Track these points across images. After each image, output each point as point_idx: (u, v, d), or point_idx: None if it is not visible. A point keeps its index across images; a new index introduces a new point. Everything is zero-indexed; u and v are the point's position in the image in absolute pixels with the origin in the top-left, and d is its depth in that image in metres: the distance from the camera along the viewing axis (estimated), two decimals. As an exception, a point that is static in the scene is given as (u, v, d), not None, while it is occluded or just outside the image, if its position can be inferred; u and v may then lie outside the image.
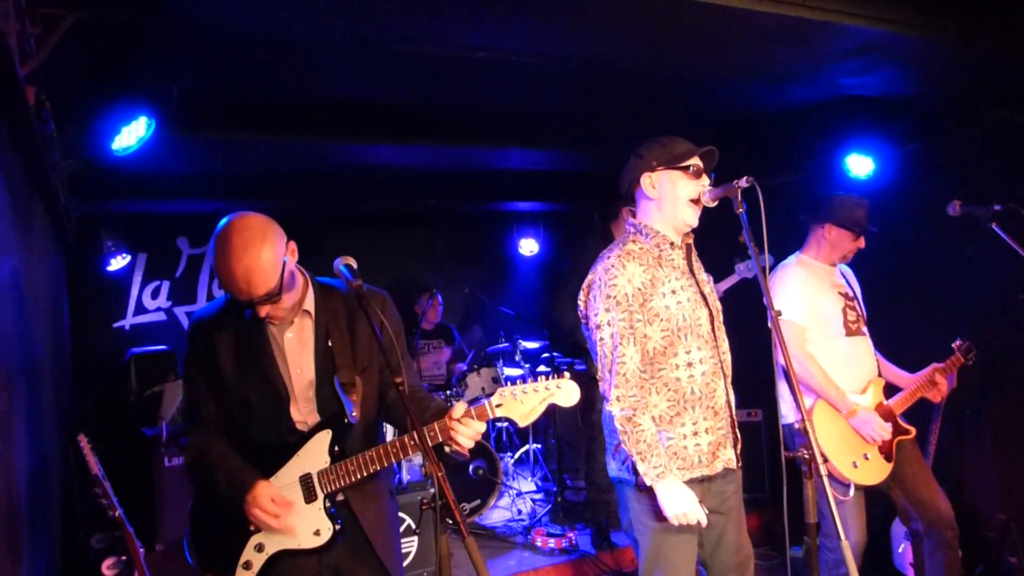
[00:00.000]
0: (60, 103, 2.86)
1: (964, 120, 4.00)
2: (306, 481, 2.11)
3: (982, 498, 4.00)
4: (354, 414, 2.10)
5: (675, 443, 2.34)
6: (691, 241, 2.49)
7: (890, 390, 3.31)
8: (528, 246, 7.44)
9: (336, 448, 2.11)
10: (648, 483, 2.25)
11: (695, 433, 2.34)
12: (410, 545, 4.00)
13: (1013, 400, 3.87)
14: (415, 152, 4.76)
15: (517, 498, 5.42)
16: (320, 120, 4.22)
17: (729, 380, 2.45)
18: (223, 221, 2.00)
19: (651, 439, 2.26)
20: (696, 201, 2.38)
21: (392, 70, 3.65)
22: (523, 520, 5.11)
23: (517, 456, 6.14)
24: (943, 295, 4.14)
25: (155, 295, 5.97)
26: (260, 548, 2.10)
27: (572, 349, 4.70)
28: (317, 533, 2.09)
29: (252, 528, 2.10)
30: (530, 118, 4.63)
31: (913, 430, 3.22)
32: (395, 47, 2.98)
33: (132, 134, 3.05)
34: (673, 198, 2.38)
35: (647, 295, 2.33)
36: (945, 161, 4.23)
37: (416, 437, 1.99)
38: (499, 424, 6.37)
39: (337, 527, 2.10)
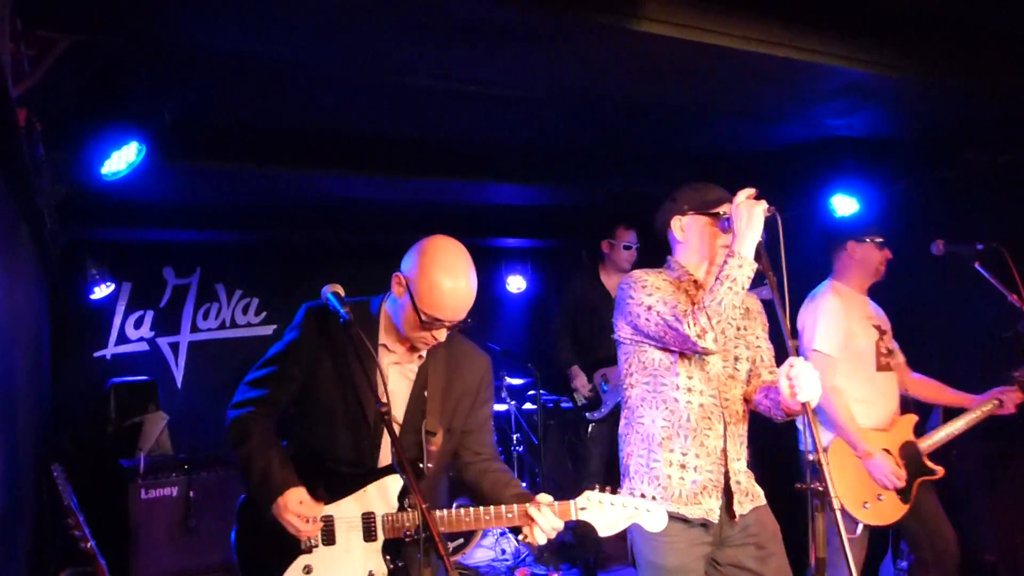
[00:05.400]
0: (50, 126, 2.85)
1: (946, 161, 4.08)
2: (368, 519, 2.05)
3: (972, 539, 3.96)
4: (429, 464, 2.08)
5: (659, 468, 2.28)
6: None
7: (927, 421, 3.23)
8: (516, 283, 7.41)
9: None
10: None
11: (683, 466, 2.27)
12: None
13: (1005, 440, 3.87)
14: (404, 186, 4.77)
15: (501, 537, 5.32)
16: (308, 151, 4.22)
17: (730, 429, 2.31)
18: (439, 240, 2.00)
19: None
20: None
21: (382, 102, 3.68)
22: (507, 560, 5.01)
23: (502, 494, 6.04)
24: (927, 334, 4.16)
25: (138, 325, 5.89)
26: (308, 570, 2.02)
27: (559, 386, 4.66)
28: (371, 574, 2.03)
29: (303, 547, 2.02)
30: (518, 153, 4.66)
31: (941, 470, 3.12)
32: (384, 77, 3.01)
33: (122, 159, 3.03)
34: (699, 244, 2.36)
35: None
36: (928, 201, 4.29)
37: (492, 512, 2.04)
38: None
39: (391, 568, 2.04)
